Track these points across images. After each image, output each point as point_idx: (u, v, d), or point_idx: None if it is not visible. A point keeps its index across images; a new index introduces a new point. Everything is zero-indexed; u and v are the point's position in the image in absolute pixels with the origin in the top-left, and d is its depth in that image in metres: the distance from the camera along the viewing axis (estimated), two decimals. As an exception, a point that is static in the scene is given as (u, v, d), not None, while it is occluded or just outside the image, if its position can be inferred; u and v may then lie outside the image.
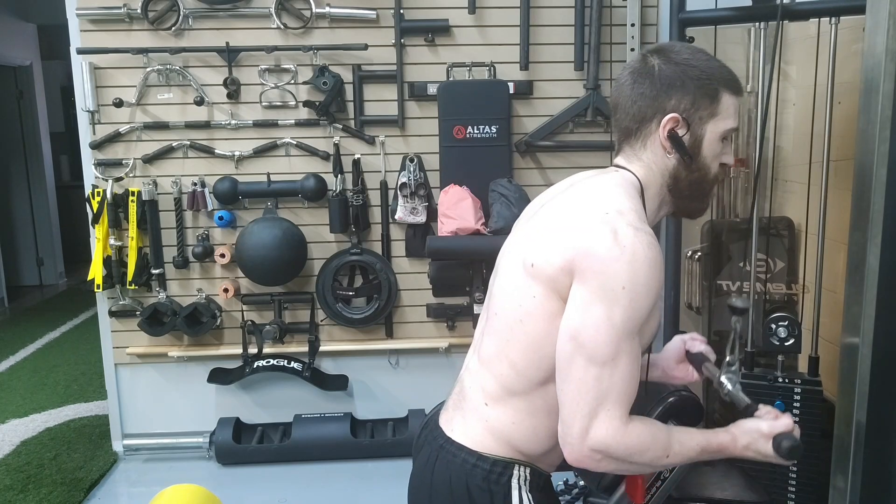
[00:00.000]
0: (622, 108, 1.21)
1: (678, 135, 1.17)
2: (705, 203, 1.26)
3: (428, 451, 1.27)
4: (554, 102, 2.96)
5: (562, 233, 1.13)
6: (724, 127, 1.18)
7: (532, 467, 1.22)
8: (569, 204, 1.18)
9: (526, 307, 1.14)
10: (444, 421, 1.27)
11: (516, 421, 1.18)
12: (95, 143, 2.92)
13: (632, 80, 1.20)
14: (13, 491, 2.82)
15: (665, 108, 1.16)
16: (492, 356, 1.21)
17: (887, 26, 1.24)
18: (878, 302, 1.31)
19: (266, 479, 2.92)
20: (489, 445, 1.20)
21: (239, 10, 2.87)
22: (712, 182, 1.22)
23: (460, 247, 2.71)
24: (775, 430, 1.14)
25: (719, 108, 1.17)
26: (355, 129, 2.96)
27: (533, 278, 1.13)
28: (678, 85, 1.16)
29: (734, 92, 1.18)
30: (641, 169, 1.20)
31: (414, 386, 3.15)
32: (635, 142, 1.21)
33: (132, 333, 3.03)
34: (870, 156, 1.30)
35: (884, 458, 1.36)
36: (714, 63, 1.18)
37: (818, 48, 2.18)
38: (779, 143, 2.60)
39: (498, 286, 1.24)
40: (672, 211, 1.27)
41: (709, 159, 1.19)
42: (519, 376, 1.17)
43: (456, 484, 1.19)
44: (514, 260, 1.19)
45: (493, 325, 1.22)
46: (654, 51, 1.21)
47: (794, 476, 2.11)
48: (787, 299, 2.49)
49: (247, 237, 2.86)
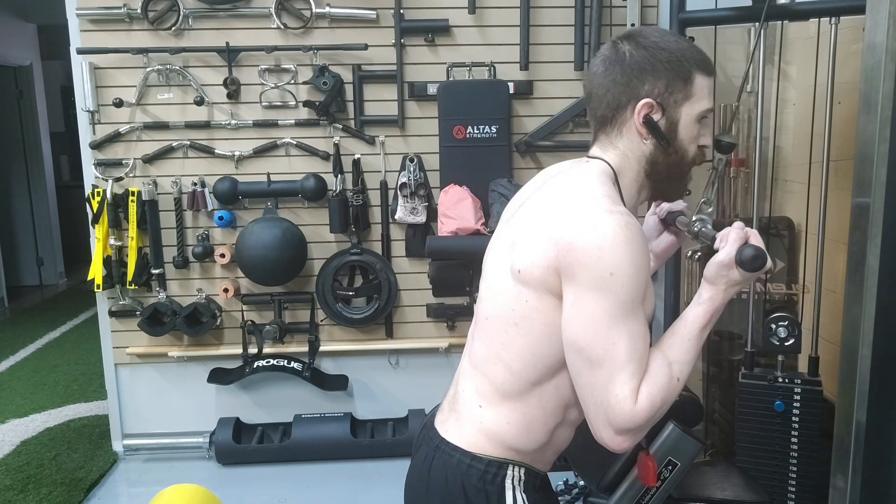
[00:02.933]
0: (596, 96, 1.20)
1: (653, 120, 1.15)
2: (684, 185, 1.24)
3: (424, 451, 1.27)
4: (554, 102, 2.96)
5: (540, 232, 1.12)
6: (700, 108, 1.17)
7: (527, 467, 1.21)
8: (544, 202, 1.17)
9: (519, 311, 1.14)
10: (439, 422, 1.28)
11: (511, 421, 1.18)
12: (95, 143, 2.92)
13: (603, 67, 1.18)
14: (13, 491, 2.82)
15: (639, 94, 1.15)
16: (484, 359, 1.21)
17: (887, 26, 1.24)
18: (878, 302, 1.31)
19: (266, 479, 2.92)
20: (483, 446, 1.20)
21: (239, 10, 2.87)
22: (690, 164, 1.21)
23: (460, 247, 2.71)
24: (732, 253, 1.11)
25: (693, 90, 1.15)
26: (355, 129, 2.96)
27: (522, 283, 1.13)
28: (649, 69, 1.14)
29: (706, 72, 1.17)
30: (616, 157, 1.19)
31: (414, 386, 3.15)
32: (611, 130, 1.19)
33: (132, 333, 3.03)
34: (870, 156, 1.30)
35: (884, 458, 1.36)
36: (684, 44, 1.17)
37: (818, 48, 2.18)
38: (779, 143, 2.60)
39: (486, 290, 1.23)
40: (651, 195, 1.26)
41: (686, 142, 1.18)
42: (514, 378, 1.17)
43: (452, 484, 1.20)
44: (500, 264, 1.19)
45: (484, 329, 1.21)
46: (623, 37, 1.19)
47: (794, 476, 2.11)
48: (787, 299, 2.49)
49: (247, 237, 2.86)
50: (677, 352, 1.13)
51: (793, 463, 2.11)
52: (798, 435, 2.10)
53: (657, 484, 1.51)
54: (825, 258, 2.15)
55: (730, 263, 1.11)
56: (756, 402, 2.14)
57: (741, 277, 1.12)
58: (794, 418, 2.11)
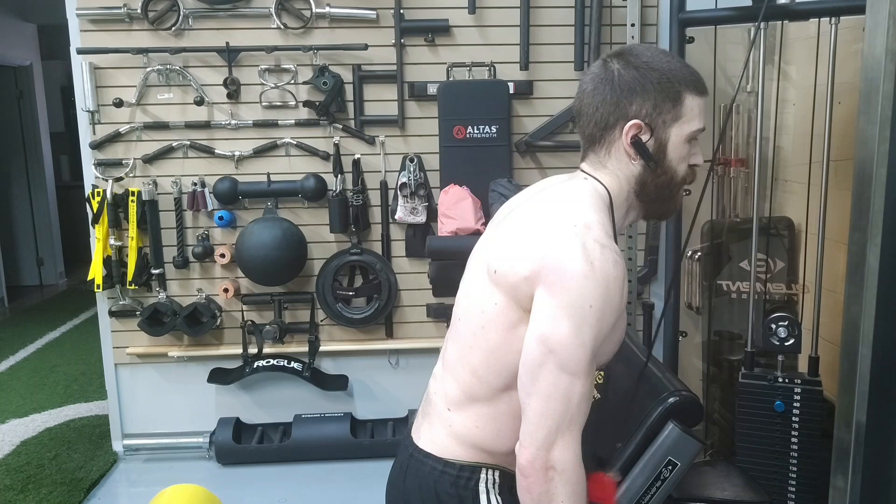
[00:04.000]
0: (585, 115, 1.18)
1: (642, 141, 1.14)
2: (674, 205, 1.23)
3: (400, 460, 1.27)
4: (554, 102, 2.96)
5: (528, 242, 1.10)
6: (690, 129, 1.15)
7: (501, 469, 1.20)
8: (536, 212, 1.16)
9: (488, 314, 1.13)
10: (413, 430, 1.27)
11: (480, 425, 1.17)
12: (95, 143, 2.92)
13: (592, 86, 1.17)
14: (13, 491, 2.82)
15: (627, 114, 1.14)
16: (454, 362, 1.20)
17: (887, 26, 1.24)
18: (878, 302, 1.31)
19: (266, 479, 2.92)
20: (455, 451, 1.19)
21: (239, 10, 2.87)
22: (680, 184, 1.19)
23: (460, 247, 2.70)
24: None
25: (682, 111, 1.14)
26: (355, 129, 2.96)
27: (496, 285, 1.12)
28: (639, 90, 1.13)
29: (698, 92, 1.15)
30: (608, 177, 1.18)
31: (414, 386, 3.15)
32: (599, 149, 1.18)
33: (132, 333, 3.03)
34: (870, 156, 1.30)
35: (884, 458, 1.36)
36: (675, 64, 1.15)
37: (818, 48, 2.18)
38: (779, 143, 2.60)
39: (464, 291, 1.23)
40: (642, 215, 1.25)
41: (675, 162, 1.16)
42: (480, 382, 1.15)
43: (426, 491, 1.19)
44: (480, 265, 1.18)
45: (457, 331, 1.21)
46: (614, 55, 1.18)
47: (794, 476, 2.11)
48: (787, 299, 2.49)
49: (247, 237, 2.86)
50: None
51: (793, 463, 2.11)
52: (798, 435, 2.10)
53: (656, 489, 1.51)
54: (825, 258, 2.15)
55: None
56: (756, 402, 2.14)
57: None
58: (794, 418, 2.10)
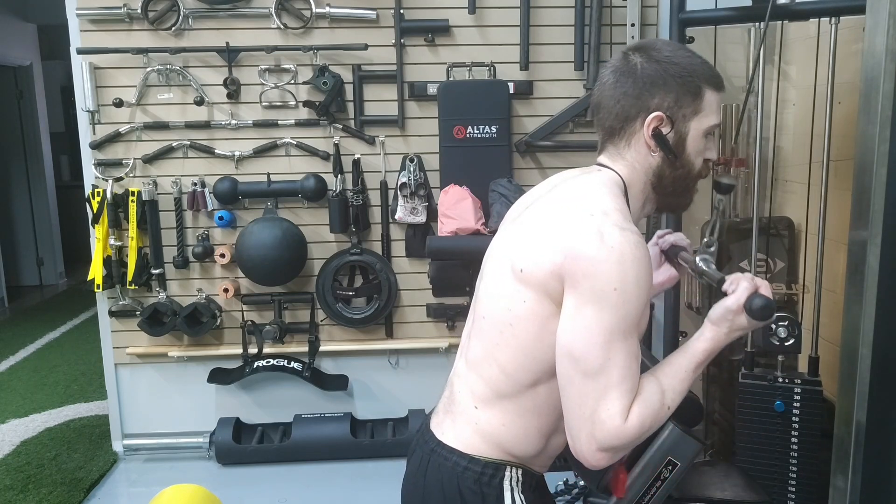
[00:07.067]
0: (605, 107, 1.21)
1: (662, 133, 1.17)
2: (689, 198, 1.26)
3: (420, 455, 1.26)
4: (554, 102, 2.96)
5: (548, 236, 1.12)
6: (708, 123, 1.18)
7: (524, 468, 1.21)
8: (554, 206, 1.18)
9: (516, 311, 1.13)
10: (434, 425, 1.27)
11: (506, 423, 1.18)
12: (95, 143, 2.92)
13: (614, 78, 1.19)
14: (13, 491, 2.82)
15: (649, 107, 1.16)
16: (480, 359, 1.21)
17: (887, 26, 1.24)
18: (878, 302, 1.31)
19: (266, 479, 2.92)
20: (480, 448, 1.19)
21: (239, 10, 2.87)
22: (696, 178, 1.23)
23: (460, 247, 2.71)
24: (741, 300, 1.12)
25: (702, 105, 1.17)
26: (355, 129, 2.96)
27: (523, 283, 1.13)
28: (661, 83, 1.15)
29: (716, 88, 1.18)
30: (625, 168, 1.21)
31: (414, 386, 3.15)
32: (619, 141, 1.21)
33: (132, 333, 3.03)
34: (870, 156, 1.30)
35: (884, 458, 1.36)
36: (696, 59, 1.18)
37: (818, 48, 2.18)
38: (779, 143, 2.60)
39: (484, 289, 1.23)
40: (656, 207, 1.27)
41: (693, 156, 1.19)
42: (508, 379, 1.16)
43: (448, 487, 1.19)
44: (501, 263, 1.19)
45: (481, 328, 1.21)
46: (635, 48, 1.20)
47: (794, 476, 2.11)
48: (787, 299, 2.49)
49: (247, 237, 2.86)
50: (672, 381, 1.14)
51: (793, 463, 2.11)
52: (798, 435, 2.10)
53: (656, 489, 1.51)
54: (825, 258, 2.15)
55: (738, 309, 1.12)
56: (756, 402, 2.14)
57: (747, 324, 1.13)
58: (794, 418, 2.10)
